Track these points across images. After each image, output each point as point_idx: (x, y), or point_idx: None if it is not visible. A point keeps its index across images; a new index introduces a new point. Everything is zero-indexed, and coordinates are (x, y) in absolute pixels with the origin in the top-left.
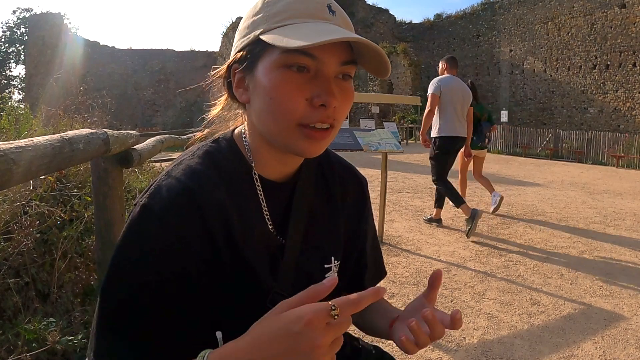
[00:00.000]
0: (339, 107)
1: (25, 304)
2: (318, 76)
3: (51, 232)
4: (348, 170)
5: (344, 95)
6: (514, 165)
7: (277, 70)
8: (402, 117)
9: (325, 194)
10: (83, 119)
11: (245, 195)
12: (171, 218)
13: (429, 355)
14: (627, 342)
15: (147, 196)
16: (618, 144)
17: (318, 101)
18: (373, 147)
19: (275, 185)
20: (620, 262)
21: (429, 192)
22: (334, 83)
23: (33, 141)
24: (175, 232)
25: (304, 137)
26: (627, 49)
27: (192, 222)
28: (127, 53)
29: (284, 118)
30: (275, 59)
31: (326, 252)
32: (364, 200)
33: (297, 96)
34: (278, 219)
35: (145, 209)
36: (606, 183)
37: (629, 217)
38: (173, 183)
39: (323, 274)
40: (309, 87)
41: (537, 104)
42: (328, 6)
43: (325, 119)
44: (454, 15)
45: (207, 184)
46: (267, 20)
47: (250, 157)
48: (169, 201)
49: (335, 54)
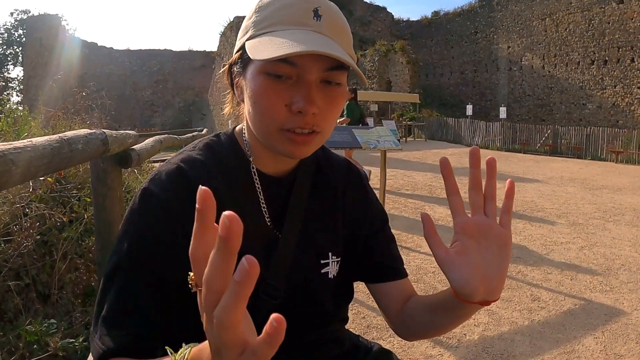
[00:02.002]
0: (321, 113)
1: (25, 305)
2: (299, 82)
3: (51, 234)
4: (345, 165)
5: (327, 101)
6: (513, 161)
7: (260, 76)
8: (400, 114)
9: (324, 189)
10: (82, 120)
11: (243, 188)
12: (169, 195)
13: (430, 352)
14: (628, 337)
15: (148, 181)
16: (617, 139)
17: (296, 108)
18: (372, 145)
19: (274, 180)
20: (620, 257)
21: (429, 189)
22: (316, 89)
23: (32, 142)
24: (171, 208)
25: (287, 140)
26: (625, 45)
27: (186, 200)
28: (125, 54)
29: (267, 123)
30: (259, 65)
31: (323, 248)
32: (365, 193)
33: (277, 103)
34: (275, 212)
35: (145, 192)
36: (605, 178)
37: (629, 212)
38: (171, 167)
39: (320, 269)
40: (289, 93)
41: (536, 100)
42: (315, 11)
43: (304, 125)
44: (451, 13)
45: (203, 172)
46: (255, 26)
47: (248, 152)
48: (167, 182)
49: (317, 61)
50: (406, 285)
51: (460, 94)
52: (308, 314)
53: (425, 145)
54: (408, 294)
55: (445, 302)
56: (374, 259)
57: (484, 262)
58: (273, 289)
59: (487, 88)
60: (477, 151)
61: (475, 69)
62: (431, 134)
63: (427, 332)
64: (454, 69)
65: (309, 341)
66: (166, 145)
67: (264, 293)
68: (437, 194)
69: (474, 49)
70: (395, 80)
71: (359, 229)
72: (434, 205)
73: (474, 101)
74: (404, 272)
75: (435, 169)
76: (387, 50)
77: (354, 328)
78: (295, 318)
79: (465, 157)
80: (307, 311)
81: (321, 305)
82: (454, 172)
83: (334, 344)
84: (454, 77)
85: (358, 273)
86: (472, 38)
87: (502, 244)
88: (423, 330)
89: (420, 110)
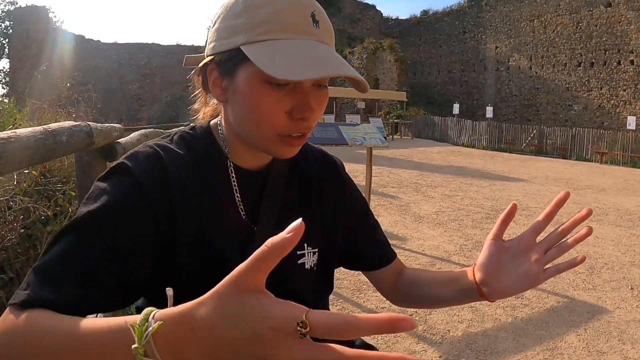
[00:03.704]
0: (314, 115)
1: (9, 299)
2: (297, 89)
3: (35, 227)
4: (321, 156)
5: (319, 102)
6: (498, 160)
7: (259, 84)
8: (387, 112)
9: (300, 181)
10: (68, 114)
11: (218, 182)
12: (143, 175)
13: (413, 347)
14: (610, 334)
15: (124, 158)
16: (602, 140)
17: (297, 115)
18: (358, 142)
19: (249, 174)
20: (604, 257)
21: (414, 187)
22: (311, 95)
23: (16, 133)
24: (144, 186)
25: (282, 143)
26: (612, 47)
27: (159, 185)
28: (112, 47)
29: (265, 129)
30: (257, 72)
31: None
32: (342, 181)
33: (278, 110)
34: (250, 206)
35: (121, 165)
36: (590, 179)
37: (612, 212)
38: (150, 151)
39: (295, 260)
40: (288, 99)
41: (522, 101)
42: (312, 15)
43: (303, 129)
44: (440, 12)
45: (180, 165)
46: (250, 29)
47: (225, 147)
48: (144, 162)
49: None
50: (397, 265)
51: (447, 93)
52: None
53: (412, 143)
54: (399, 271)
55: (464, 285)
56: (362, 250)
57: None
58: None
59: (474, 87)
60: (565, 197)
61: (463, 69)
62: (418, 132)
63: (427, 302)
64: (441, 68)
65: None
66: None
67: None
68: (422, 191)
69: (462, 49)
70: (383, 78)
71: (339, 219)
72: (420, 203)
73: (461, 100)
74: (393, 254)
75: (421, 166)
76: (376, 48)
77: None
78: None
79: (452, 155)
80: None
81: (300, 296)
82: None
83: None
84: (442, 76)
85: (348, 263)
86: (461, 38)
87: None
88: (424, 301)
89: (408, 109)
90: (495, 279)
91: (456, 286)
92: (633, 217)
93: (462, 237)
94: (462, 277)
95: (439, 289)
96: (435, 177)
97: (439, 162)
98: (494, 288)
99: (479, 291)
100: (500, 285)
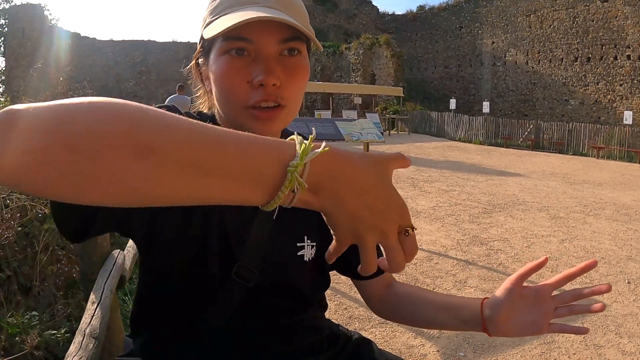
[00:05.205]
0: (285, 84)
1: (7, 297)
2: (258, 58)
3: (32, 225)
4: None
5: (289, 71)
6: (495, 155)
7: (220, 57)
8: (384, 107)
9: None
10: None
11: None
12: None
13: (411, 342)
14: (607, 328)
15: None
16: (599, 135)
17: (256, 82)
18: (355, 137)
19: None
20: (600, 251)
21: (411, 182)
22: (276, 61)
23: None
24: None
25: (253, 118)
26: (609, 42)
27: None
28: (108, 44)
29: (232, 102)
30: (218, 48)
31: (298, 231)
32: None
33: (239, 81)
34: None
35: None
36: (586, 174)
37: (609, 206)
38: None
39: (295, 251)
40: (250, 69)
41: (519, 96)
42: None
43: (267, 97)
44: (436, 7)
45: None
46: (211, 13)
47: None
48: None
49: (272, 33)
50: (387, 277)
51: (444, 88)
52: (284, 297)
53: (409, 138)
54: (388, 282)
55: (465, 316)
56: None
57: (522, 326)
58: (246, 271)
59: (470, 83)
60: (592, 265)
61: (459, 64)
62: (414, 128)
63: (418, 322)
64: (438, 63)
65: (286, 325)
66: None
67: (237, 275)
68: (419, 186)
69: (458, 44)
70: (380, 73)
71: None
72: (417, 198)
73: (457, 95)
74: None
75: (418, 162)
76: (372, 43)
77: (336, 319)
78: (270, 300)
79: (448, 150)
80: (283, 293)
81: (297, 288)
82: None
83: (312, 331)
84: (438, 71)
85: (339, 268)
86: (457, 33)
87: (537, 330)
88: (415, 320)
89: (404, 104)
90: (503, 322)
91: (457, 314)
92: (630, 212)
93: (459, 232)
94: (466, 307)
95: (437, 312)
96: (432, 172)
97: (435, 157)
98: (499, 328)
99: (483, 326)
100: (507, 327)
